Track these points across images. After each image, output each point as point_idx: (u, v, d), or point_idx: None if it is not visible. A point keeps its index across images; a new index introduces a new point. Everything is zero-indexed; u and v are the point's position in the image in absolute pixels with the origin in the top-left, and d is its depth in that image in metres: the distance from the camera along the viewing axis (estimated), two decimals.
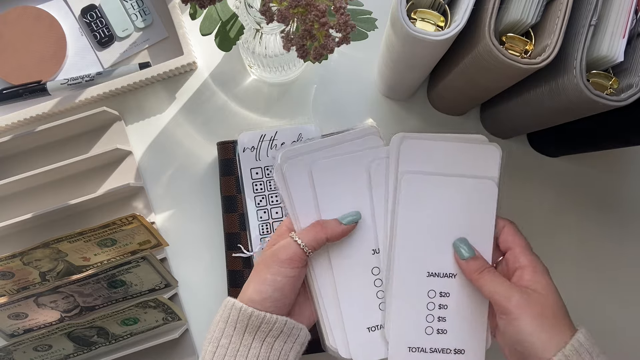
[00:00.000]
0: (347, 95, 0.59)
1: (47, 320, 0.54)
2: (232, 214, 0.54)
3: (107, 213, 0.56)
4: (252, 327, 0.40)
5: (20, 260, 0.51)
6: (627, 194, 0.59)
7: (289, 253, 0.42)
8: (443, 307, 0.44)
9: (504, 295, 0.40)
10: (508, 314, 0.39)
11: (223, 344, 0.40)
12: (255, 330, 0.40)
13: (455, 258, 0.44)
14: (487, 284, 0.41)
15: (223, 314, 0.41)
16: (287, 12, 0.36)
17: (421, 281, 0.44)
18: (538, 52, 0.41)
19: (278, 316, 0.41)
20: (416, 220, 0.44)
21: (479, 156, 0.45)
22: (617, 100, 0.39)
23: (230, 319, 0.41)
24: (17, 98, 0.57)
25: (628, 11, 0.39)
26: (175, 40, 0.57)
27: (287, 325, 0.41)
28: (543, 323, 0.38)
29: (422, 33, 0.39)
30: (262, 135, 0.54)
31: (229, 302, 0.41)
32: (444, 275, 0.44)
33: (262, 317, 0.40)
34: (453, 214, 0.44)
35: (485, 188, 0.44)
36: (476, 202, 0.44)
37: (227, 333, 0.40)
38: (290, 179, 0.45)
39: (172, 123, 0.58)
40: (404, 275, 0.44)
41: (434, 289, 0.44)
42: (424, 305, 0.44)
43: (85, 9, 0.58)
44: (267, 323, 0.40)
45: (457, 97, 0.54)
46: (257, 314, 0.40)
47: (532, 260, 0.42)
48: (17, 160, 0.58)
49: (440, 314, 0.44)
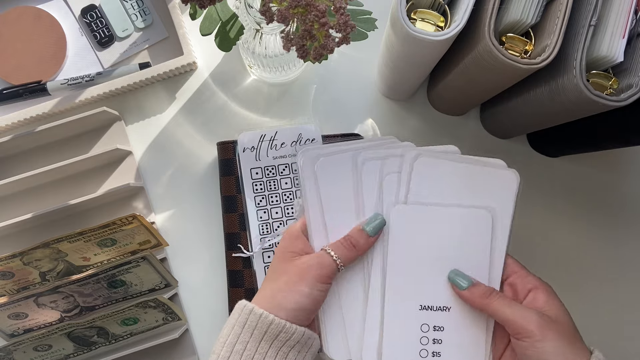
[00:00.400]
0: (347, 95, 0.59)
1: (47, 320, 0.54)
2: (232, 214, 0.54)
3: (107, 213, 0.56)
4: (270, 336, 0.39)
5: (20, 260, 0.51)
6: (627, 194, 0.59)
7: (325, 269, 0.41)
8: (437, 342, 0.42)
9: (522, 317, 0.38)
10: (530, 336, 0.38)
11: (238, 349, 0.39)
12: (272, 339, 0.39)
13: (454, 291, 0.42)
14: (501, 308, 0.40)
15: (240, 318, 0.40)
16: (287, 12, 0.36)
17: (413, 315, 0.42)
18: (538, 52, 0.41)
19: (297, 326, 0.40)
20: (407, 252, 0.42)
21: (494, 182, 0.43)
22: (617, 100, 0.39)
23: (248, 324, 0.39)
24: (17, 98, 0.57)
25: (628, 11, 0.39)
26: (175, 40, 0.57)
27: (304, 335, 0.40)
28: (565, 344, 0.38)
29: (422, 33, 0.39)
30: (262, 135, 0.54)
31: (247, 307, 0.40)
32: (438, 309, 0.42)
33: (282, 325, 0.39)
34: (449, 246, 0.43)
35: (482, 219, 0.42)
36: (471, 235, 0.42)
37: (242, 339, 0.39)
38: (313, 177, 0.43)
39: (172, 123, 0.58)
40: (395, 308, 0.42)
41: (427, 323, 0.42)
42: (417, 340, 0.42)
43: (85, 9, 0.58)
44: (286, 332, 0.39)
45: (457, 97, 0.54)
46: (277, 322, 0.39)
47: (542, 283, 0.41)
48: (17, 160, 0.58)
49: (434, 349, 0.42)
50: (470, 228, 0.43)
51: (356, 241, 0.42)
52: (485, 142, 0.59)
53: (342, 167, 0.44)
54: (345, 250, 0.42)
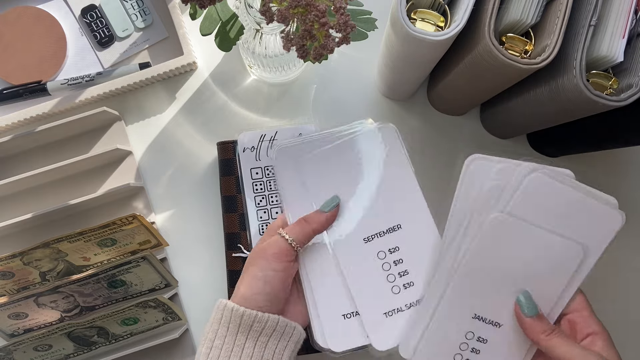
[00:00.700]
0: (347, 95, 0.59)
1: (47, 320, 0.54)
2: (232, 214, 0.54)
3: (107, 213, 0.56)
4: (245, 327, 0.40)
5: (20, 260, 0.51)
6: (627, 194, 0.59)
7: (276, 248, 0.43)
8: (475, 351, 0.42)
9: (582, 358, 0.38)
10: None
11: (217, 344, 0.40)
12: (247, 330, 0.40)
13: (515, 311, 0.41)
14: (561, 347, 0.39)
15: (216, 315, 0.41)
16: (287, 12, 0.36)
17: (465, 320, 0.42)
18: (538, 52, 0.41)
19: (270, 314, 0.41)
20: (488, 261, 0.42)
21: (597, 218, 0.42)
22: (617, 100, 0.39)
23: (223, 320, 0.41)
24: (17, 98, 0.57)
25: (628, 11, 0.39)
26: (175, 40, 0.57)
27: (279, 323, 0.41)
28: None
29: (422, 33, 0.39)
30: (262, 135, 0.54)
31: (221, 304, 0.42)
32: (490, 322, 0.42)
33: (254, 316, 0.40)
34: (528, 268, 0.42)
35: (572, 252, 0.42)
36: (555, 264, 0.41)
37: (220, 334, 0.40)
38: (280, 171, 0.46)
39: (172, 123, 0.58)
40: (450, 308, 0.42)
41: (473, 332, 0.42)
42: (458, 344, 0.42)
43: (85, 9, 0.58)
44: (259, 322, 0.40)
45: (457, 97, 0.54)
46: (248, 312, 0.40)
47: (602, 328, 0.41)
48: (17, 160, 0.58)
49: (469, 357, 0.43)
50: (557, 258, 0.42)
51: (308, 216, 0.44)
52: (485, 142, 0.59)
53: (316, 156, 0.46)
54: (298, 227, 0.44)
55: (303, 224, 0.44)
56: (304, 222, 0.45)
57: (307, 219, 0.45)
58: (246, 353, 0.40)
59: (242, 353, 0.40)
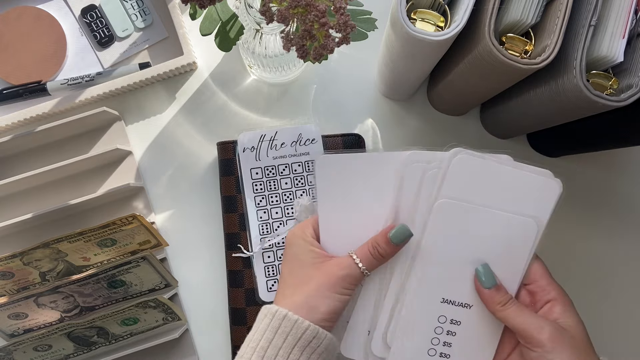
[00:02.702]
0: (347, 95, 0.59)
1: (47, 320, 0.54)
2: (232, 214, 0.54)
3: (107, 213, 0.56)
4: (304, 342, 0.39)
5: (20, 260, 0.51)
6: (627, 194, 0.59)
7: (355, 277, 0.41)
8: (451, 334, 0.43)
9: (535, 327, 0.38)
10: (541, 346, 0.38)
11: (269, 355, 0.38)
12: (305, 346, 0.39)
13: (475, 285, 0.42)
14: (514, 317, 0.39)
15: (272, 323, 0.39)
16: (287, 12, 0.36)
17: (434, 306, 0.43)
18: (538, 52, 0.41)
19: (328, 333, 0.40)
20: (443, 246, 0.42)
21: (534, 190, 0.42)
22: (617, 100, 0.39)
23: (282, 330, 0.39)
24: (17, 98, 0.57)
25: (628, 11, 0.39)
26: (175, 40, 0.57)
27: (332, 343, 0.40)
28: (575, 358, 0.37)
29: (422, 33, 0.39)
30: (262, 135, 0.54)
31: (279, 312, 0.39)
32: (459, 305, 0.43)
33: (316, 332, 0.39)
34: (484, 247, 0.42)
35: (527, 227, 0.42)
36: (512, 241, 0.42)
37: (275, 344, 0.39)
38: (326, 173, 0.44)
39: (172, 123, 0.58)
40: (417, 297, 0.43)
41: (445, 315, 0.43)
42: (432, 329, 0.43)
43: (85, 9, 0.58)
44: (318, 339, 0.39)
45: (457, 97, 0.54)
46: (312, 328, 0.39)
47: (561, 294, 0.40)
48: (17, 160, 0.58)
49: (446, 339, 0.43)
50: (514, 235, 0.42)
51: (384, 250, 0.42)
52: (485, 142, 0.59)
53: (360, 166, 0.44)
54: (371, 258, 0.42)
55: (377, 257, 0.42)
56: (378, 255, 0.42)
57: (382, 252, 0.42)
58: None
59: None
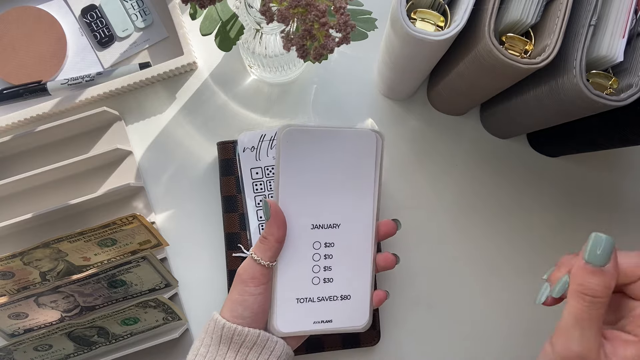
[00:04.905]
0: (347, 95, 0.59)
1: (47, 320, 0.54)
2: (232, 214, 0.54)
3: (107, 213, 0.57)
4: (226, 338, 0.42)
5: (20, 260, 0.51)
6: (627, 194, 0.59)
7: (250, 272, 0.43)
8: (328, 257, 0.45)
9: None
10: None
11: (202, 352, 0.42)
12: (229, 341, 0.42)
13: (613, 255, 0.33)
14: None
15: (205, 326, 0.44)
16: (287, 12, 0.36)
17: (305, 234, 0.45)
18: (538, 52, 0.41)
19: (250, 328, 0.42)
20: (297, 174, 0.44)
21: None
22: (617, 100, 0.39)
23: (209, 330, 0.43)
24: (17, 98, 0.57)
25: (628, 11, 0.39)
26: (175, 40, 0.57)
27: (260, 337, 0.42)
28: None
29: (422, 33, 0.39)
30: (262, 135, 0.54)
31: (213, 315, 0.43)
32: (328, 227, 0.45)
33: (234, 329, 0.42)
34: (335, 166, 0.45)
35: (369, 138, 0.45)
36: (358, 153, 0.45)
37: (205, 343, 0.43)
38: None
39: (172, 123, 0.58)
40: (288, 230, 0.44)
41: (318, 240, 0.45)
42: (310, 257, 0.45)
43: (86, 9, 0.58)
44: (239, 335, 0.42)
45: (457, 97, 0.54)
46: (228, 325, 0.42)
47: None
48: (17, 160, 0.58)
49: (326, 264, 0.45)
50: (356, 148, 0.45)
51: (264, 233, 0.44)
52: (485, 142, 0.59)
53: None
54: (260, 245, 0.43)
55: (264, 241, 0.43)
56: (263, 239, 0.43)
57: (265, 235, 0.44)
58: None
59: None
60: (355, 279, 0.46)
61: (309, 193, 0.45)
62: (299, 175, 0.45)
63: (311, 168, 0.45)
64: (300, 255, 0.45)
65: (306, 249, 0.45)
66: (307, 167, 0.45)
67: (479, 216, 0.58)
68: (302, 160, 0.45)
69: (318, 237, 0.45)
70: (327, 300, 0.45)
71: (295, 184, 0.45)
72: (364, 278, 0.46)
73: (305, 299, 0.45)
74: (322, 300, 0.45)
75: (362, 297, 0.46)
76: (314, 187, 0.45)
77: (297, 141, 0.44)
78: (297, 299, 0.45)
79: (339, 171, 0.45)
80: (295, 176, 0.45)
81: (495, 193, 0.58)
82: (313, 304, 0.45)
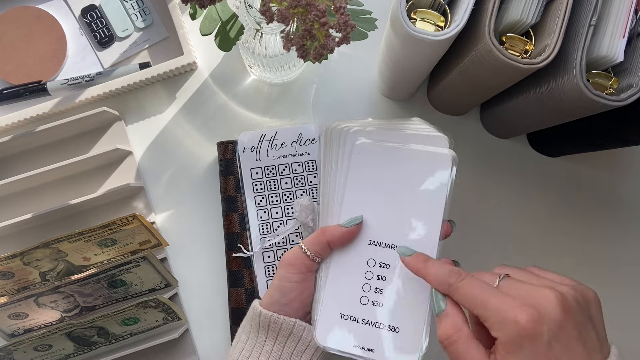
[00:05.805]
0: (347, 95, 0.59)
1: (47, 320, 0.54)
2: (232, 214, 0.54)
3: (107, 213, 0.57)
4: (264, 325, 0.43)
5: (20, 260, 0.51)
6: (627, 194, 0.59)
7: (292, 258, 0.43)
8: (382, 278, 0.43)
9: None
10: None
11: (243, 339, 0.44)
12: (266, 329, 0.43)
13: None
14: None
15: (248, 313, 0.45)
16: (287, 12, 0.36)
17: (362, 247, 0.43)
18: (538, 52, 0.41)
19: (285, 317, 0.42)
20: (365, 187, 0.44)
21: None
22: (617, 100, 0.39)
23: (248, 316, 0.45)
24: (17, 98, 0.57)
25: (628, 11, 0.39)
26: (175, 40, 0.57)
27: (296, 326, 0.42)
28: None
29: (422, 33, 0.39)
30: (262, 135, 0.54)
31: (253, 303, 0.45)
32: (386, 246, 0.43)
33: (269, 316, 0.42)
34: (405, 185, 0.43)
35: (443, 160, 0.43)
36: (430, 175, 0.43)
37: (246, 330, 0.44)
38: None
39: (172, 123, 0.58)
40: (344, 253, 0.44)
41: (374, 258, 0.43)
42: (362, 274, 0.43)
43: (86, 9, 0.58)
44: (275, 322, 0.42)
45: (457, 97, 0.54)
46: (265, 313, 0.43)
47: None
48: (17, 160, 0.58)
49: (377, 285, 0.43)
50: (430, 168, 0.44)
51: (327, 228, 0.43)
52: (485, 142, 0.59)
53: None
54: (314, 238, 0.43)
55: (319, 234, 0.43)
56: (320, 232, 0.43)
57: (324, 230, 0.43)
58: (266, 350, 0.43)
59: (262, 349, 0.43)
60: (408, 311, 0.42)
61: (373, 208, 0.43)
62: (366, 188, 0.44)
63: (380, 183, 0.44)
64: (352, 267, 0.43)
65: (360, 263, 0.43)
66: (375, 182, 0.44)
67: (478, 216, 0.58)
68: (371, 174, 0.44)
69: (374, 254, 0.43)
70: (372, 326, 0.42)
71: (361, 196, 0.44)
72: (419, 313, 0.41)
73: (349, 317, 0.43)
74: (367, 324, 0.42)
75: (412, 333, 0.41)
76: (379, 203, 0.43)
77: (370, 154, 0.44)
78: (342, 314, 0.43)
79: (408, 191, 0.43)
80: (363, 188, 0.44)
81: (495, 193, 0.58)
82: (357, 326, 0.42)
